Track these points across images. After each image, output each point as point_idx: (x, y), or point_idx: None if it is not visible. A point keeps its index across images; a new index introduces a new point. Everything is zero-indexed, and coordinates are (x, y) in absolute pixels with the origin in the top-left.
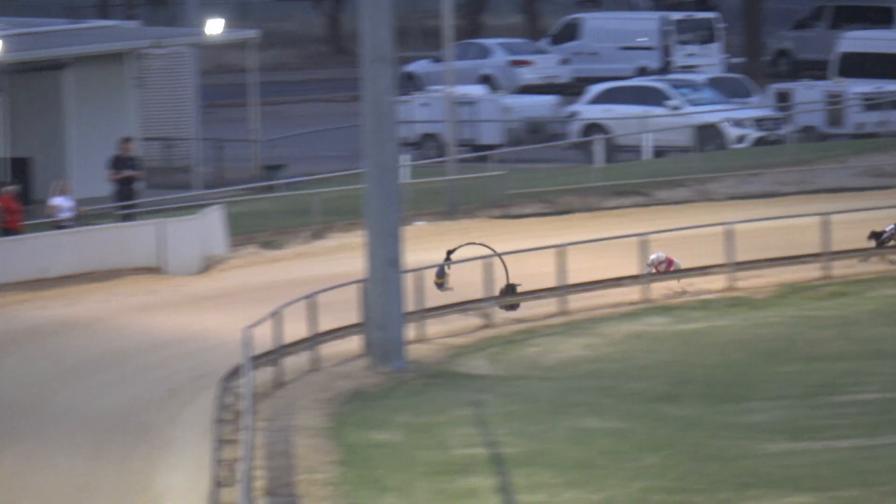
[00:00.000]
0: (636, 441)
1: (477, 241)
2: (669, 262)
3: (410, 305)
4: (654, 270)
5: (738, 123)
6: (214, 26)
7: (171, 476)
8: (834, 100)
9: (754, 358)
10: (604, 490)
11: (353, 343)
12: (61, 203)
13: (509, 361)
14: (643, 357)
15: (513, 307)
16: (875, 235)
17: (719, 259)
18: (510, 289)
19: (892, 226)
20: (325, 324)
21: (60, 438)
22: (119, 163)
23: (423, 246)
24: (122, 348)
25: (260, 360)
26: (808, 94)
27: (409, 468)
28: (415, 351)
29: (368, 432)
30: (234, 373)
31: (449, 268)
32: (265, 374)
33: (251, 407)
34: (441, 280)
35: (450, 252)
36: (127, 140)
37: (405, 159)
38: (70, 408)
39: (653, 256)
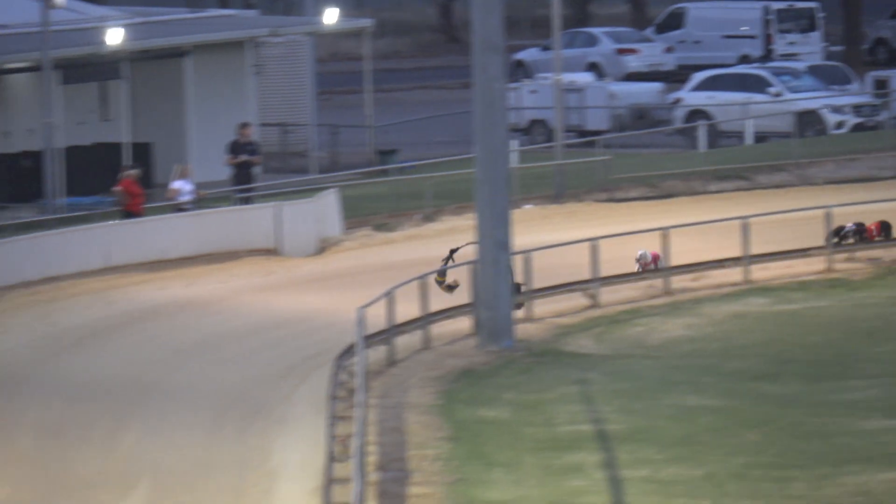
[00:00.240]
0: (737, 418)
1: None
2: (655, 257)
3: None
4: (640, 268)
5: (837, 110)
6: (331, 15)
7: (287, 451)
8: None
9: (853, 337)
10: (705, 465)
11: (463, 323)
12: (182, 187)
13: (614, 340)
14: (744, 336)
15: (519, 306)
16: (836, 232)
17: (819, 241)
18: (516, 288)
19: (851, 224)
20: (436, 304)
21: (180, 414)
22: (237, 148)
23: (531, 229)
24: (239, 327)
25: (373, 339)
26: None
27: (517, 444)
28: (522, 330)
29: (477, 409)
30: (348, 351)
31: (453, 260)
32: (378, 353)
33: (364, 384)
34: (442, 279)
35: (453, 251)
36: (245, 125)
37: (514, 145)
38: (189, 385)
39: (640, 252)
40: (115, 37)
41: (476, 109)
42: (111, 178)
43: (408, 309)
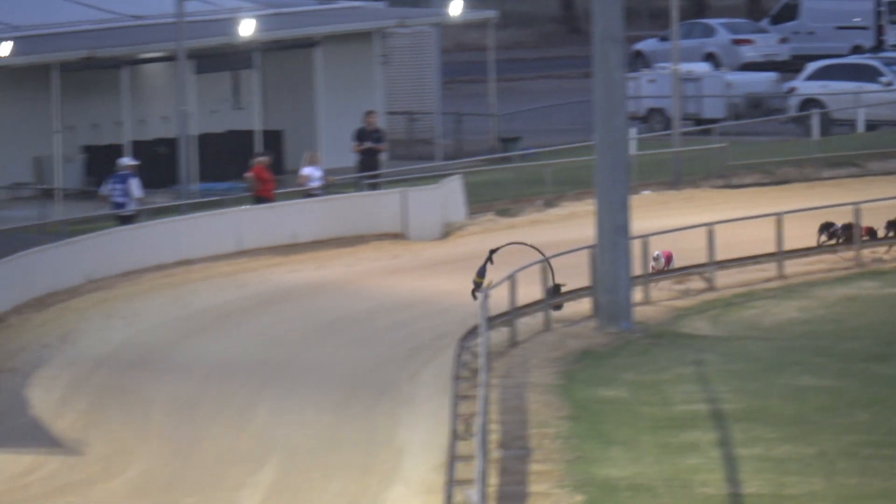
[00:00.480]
0: (848, 398)
1: (520, 241)
2: (668, 257)
3: (637, 270)
4: (653, 268)
5: None
6: (456, 7)
7: (412, 430)
8: None
9: None
10: (817, 444)
11: (583, 305)
12: (311, 173)
13: (729, 323)
14: (855, 319)
15: (558, 307)
16: (825, 228)
17: None
18: (556, 289)
19: (839, 225)
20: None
21: (309, 393)
22: (362, 135)
23: (649, 214)
24: (366, 309)
25: (495, 320)
26: None
27: (634, 423)
28: (640, 313)
29: (596, 389)
30: (472, 333)
31: (492, 261)
32: (500, 334)
33: (487, 365)
34: (480, 280)
35: (492, 251)
36: (370, 113)
37: (633, 132)
38: (318, 364)
39: (655, 254)
40: (247, 28)
41: (596, 98)
42: (243, 165)
43: (530, 291)
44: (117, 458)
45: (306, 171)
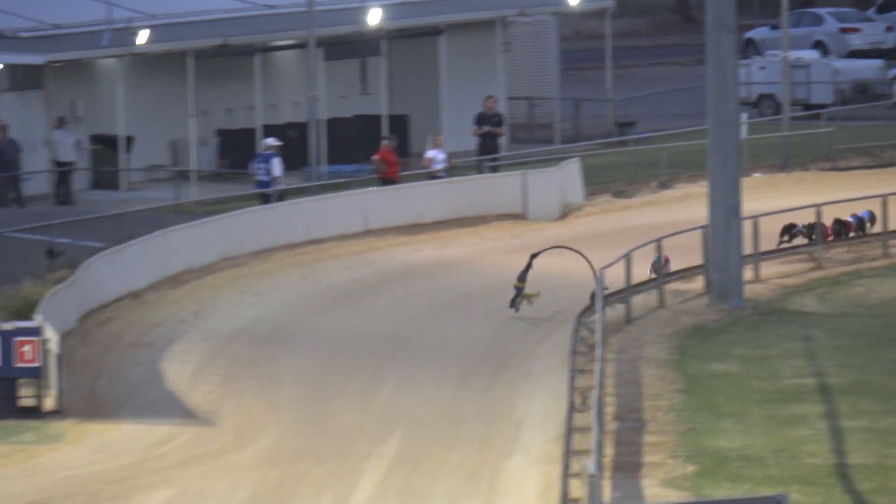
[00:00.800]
0: None
1: (562, 245)
2: (667, 260)
3: (747, 249)
4: (653, 272)
5: None
6: None
7: (531, 402)
8: None
9: None
10: None
11: (696, 283)
12: (435, 155)
13: (836, 300)
14: None
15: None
16: (787, 230)
17: None
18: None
19: (801, 226)
20: (673, 264)
21: (431, 368)
22: (482, 119)
23: (759, 196)
24: (487, 286)
25: (611, 297)
26: None
27: (745, 396)
28: (750, 290)
29: (708, 363)
30: (588, 309)
31: (531, 267)
32: (616, 311)
33: (603, 340)
34: (521, 284)
35: (533, 256)
36: (489, 98)
37: (744, 117)
38: (441, 340)
39: (655, 256)
40: (375, 17)
41: (709, 84)
42: (370, 148)
43: (645, 270)
44: (248, 430)
45: (430, 153)
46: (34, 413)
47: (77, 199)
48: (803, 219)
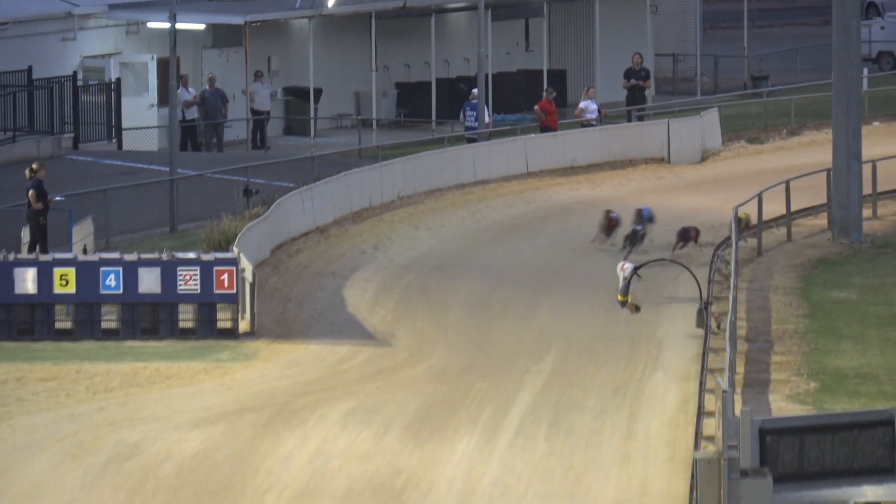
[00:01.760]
0: None
1: (664, 259)
2: (694, 233)
3: (866, 189)
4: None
5: None
6: None
7: (671, 325)
8: None
9: None
10: None
11: (820, 220)
12: (587, 105)
13: None
14: None
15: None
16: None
17: None
18: (705, 307)
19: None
20: (797, 203)
21: (583, 295)
22: (630, 73)
23: (877, 142)
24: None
25: (745, 232)
26: None
27: (862, 320)
28: (868, 226)
29: (830, 291)
30: (724, 243)
31: (639, 276)
32: (749, 245)
33: (737, 271)
34: (624, 298)
35: (636, 268)
36: (636, 55)
37: (865, 72)
38: (591, 271)
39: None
40: None
41: (834, 42)
42: (531, 99)
43: (774, 207)
44: (420, 349)
45: (583, 104)
46: (230, 334)
47: (271, 144)
48: None
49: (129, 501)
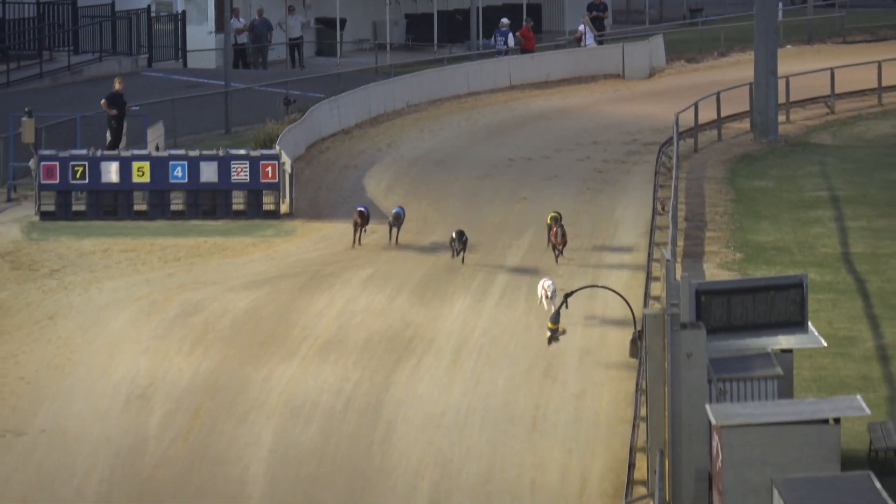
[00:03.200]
0: None
1: (598, 285)
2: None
3: (781, 99)
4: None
5: None
6: None
7: (626, 208)
8: None
9: None
10: None
11: (744, 124)
12: (584, 30)
13: (844, 136)
14: None
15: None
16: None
17: None
18: (640, 336)
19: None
20: (726, 111)
21: (556, 184)
22: (591, 7)
23: (790, 62)
24: (596, 125)
25: (684, 134)
26: None
27: (778, 204)
28: (783, 129)
29: (752, 181)
30: (668, 142)
31: (566, 305)
32: (687, 144)
33: (677, 164)
34: (555, 326)
35: (567, 295)
36: None
37: (780, 5)
38: (562, 165)
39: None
40: None
41: None
42: (514, 27)
43: (708, 114)
44: (425, 227)
45: (581, 27)
46: (273, 215)
47: (306, 63)
48: (823, 78)
49: (192, 349)
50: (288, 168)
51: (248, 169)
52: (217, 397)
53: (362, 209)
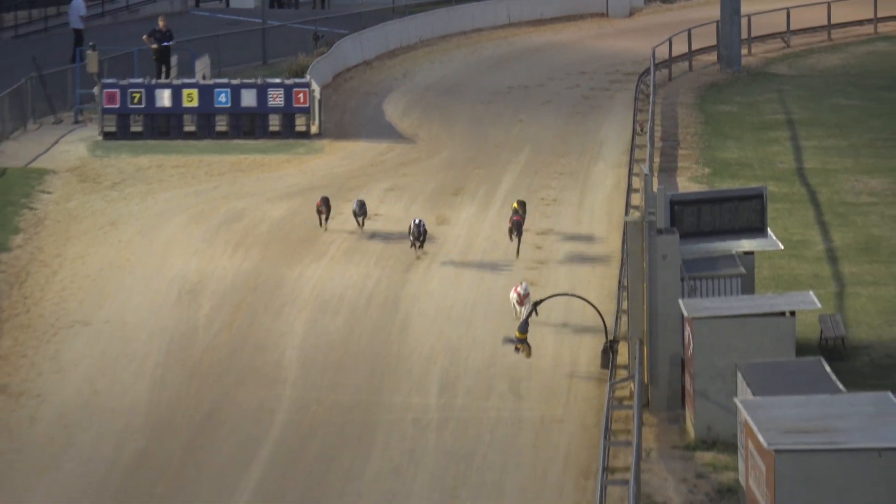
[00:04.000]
0: (869, 111)
1: (566, 293)
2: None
3: (744, 34)
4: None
5: None
6: None
7: (609, 129)
8: None
9: None
10: (849, 139)
11: (712, 56)
12: None
13: (798, 67)
14: (875, 65)
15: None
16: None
17: None
18: (611, 346)
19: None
20: (696, 45)
21: (549, 109)
22: None
23: (752, 2)
24: (584, 58)
25: (660, 66)
26: None
27: (741, 126)
28: (745, 60)
29: (718, 106)
30: (645, 73)
31: (536, 313)
32: (662, 74)
33: (654, 91)
34: (523, 336)
35: (536, 304)
36: None
37: None
38: (554, 92)
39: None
40: None
41: None
42: None
43: (681, 47)
44: (435, 147)
45: None
46: (305, 135)
47: (330, 3)
48: (780, 17)
49: (235, 251)
50: (317, 94)
51: (282, 95)
52: (256, 293)
53: (326, 197)
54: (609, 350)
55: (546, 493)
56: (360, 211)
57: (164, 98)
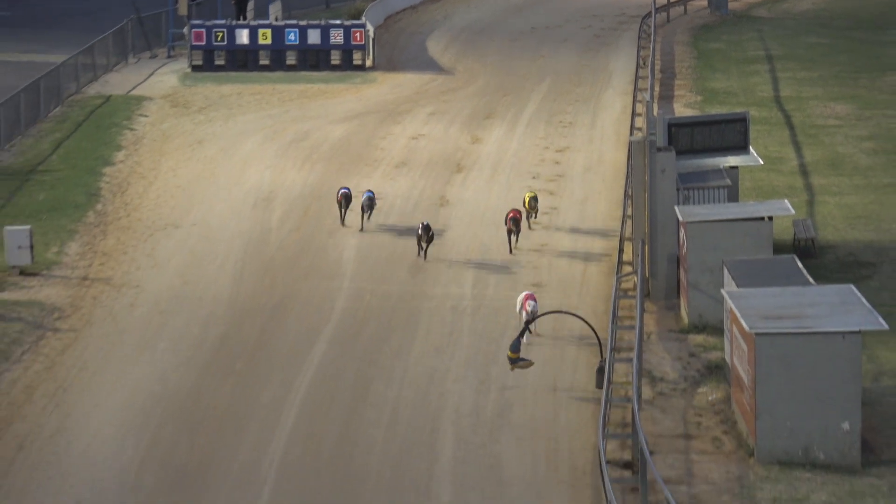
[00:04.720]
0: (836, 48)
1: (560, 311)
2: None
3: None
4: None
5: None
6: None
7: (617, 62)
8: None
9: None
10: (819, 70)
11: (703, 2)
12: None
13: (776, 10)
14: (841, 9)
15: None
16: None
17: None
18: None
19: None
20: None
21: (567, 45)
22: None
23: None
24: (596, 3)
25: (660, 10)
26: None
27: (728, 61)
28: (732, 5)
29: (709, 43)
30: (647, 16)
31: (531, 332)
32: (662, 17)
33: (655, 31)
34: (515, 356)
35: (527, 323)
36: None
37: None
38: (570, 32)
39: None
40: None
41: None
42: None
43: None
44: (471, 77)
45: None
46: (361, 68)
47: None
48: None
49: (302, 164)
50: (371, 34)
51: (342, 34)
52: (320, 201)
53: (347, 191)
54: (603, 370)
55: (563, 366)
56: (369, 205)
57: (243, 36)
